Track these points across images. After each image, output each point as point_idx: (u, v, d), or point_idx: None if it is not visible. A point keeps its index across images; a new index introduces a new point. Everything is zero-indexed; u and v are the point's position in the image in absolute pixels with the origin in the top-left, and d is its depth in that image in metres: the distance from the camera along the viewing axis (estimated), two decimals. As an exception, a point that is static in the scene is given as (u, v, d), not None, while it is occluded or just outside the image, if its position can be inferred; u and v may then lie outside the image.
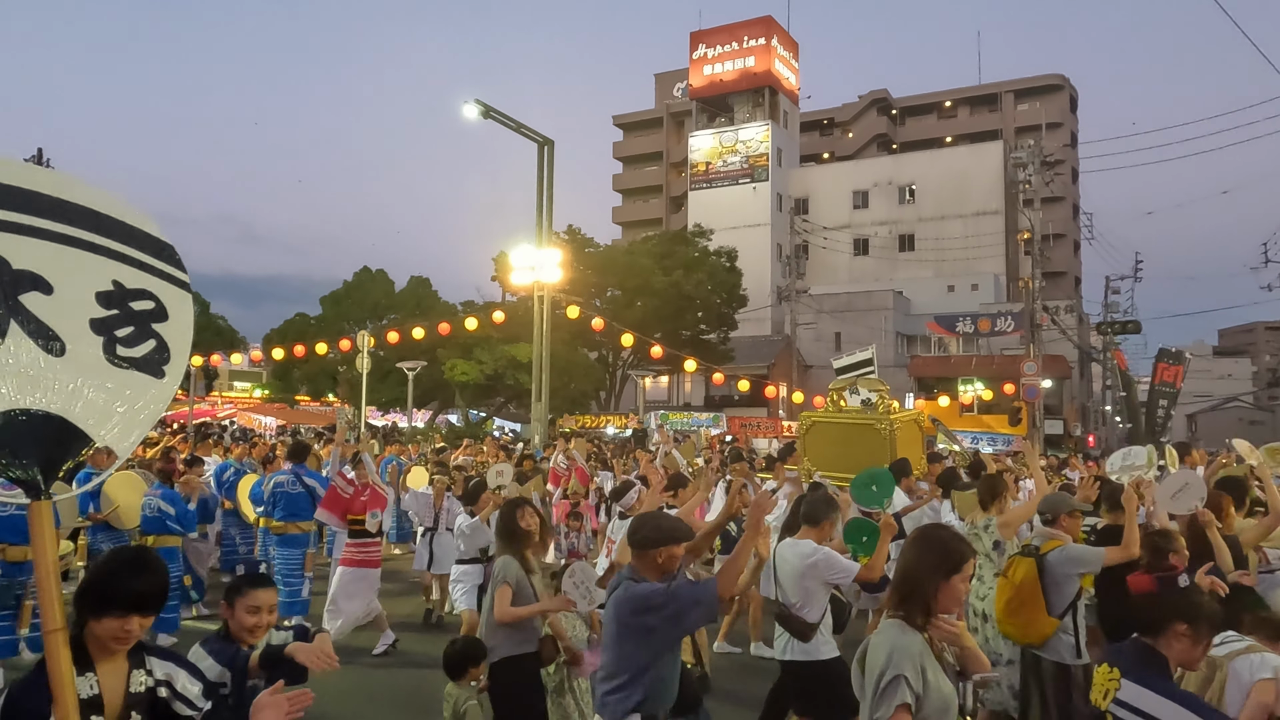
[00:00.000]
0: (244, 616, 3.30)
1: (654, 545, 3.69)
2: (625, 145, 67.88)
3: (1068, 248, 56.64)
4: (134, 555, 2.71)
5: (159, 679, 2.62)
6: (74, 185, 2.57)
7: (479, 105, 18.73)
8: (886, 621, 2.91)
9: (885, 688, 2.72)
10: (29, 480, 2.27)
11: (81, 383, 2.41)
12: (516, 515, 5.08)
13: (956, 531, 3.30)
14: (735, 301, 41.42)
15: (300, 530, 9.11)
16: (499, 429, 33.17)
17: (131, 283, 2.60)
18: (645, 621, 3.55)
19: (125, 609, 2.51)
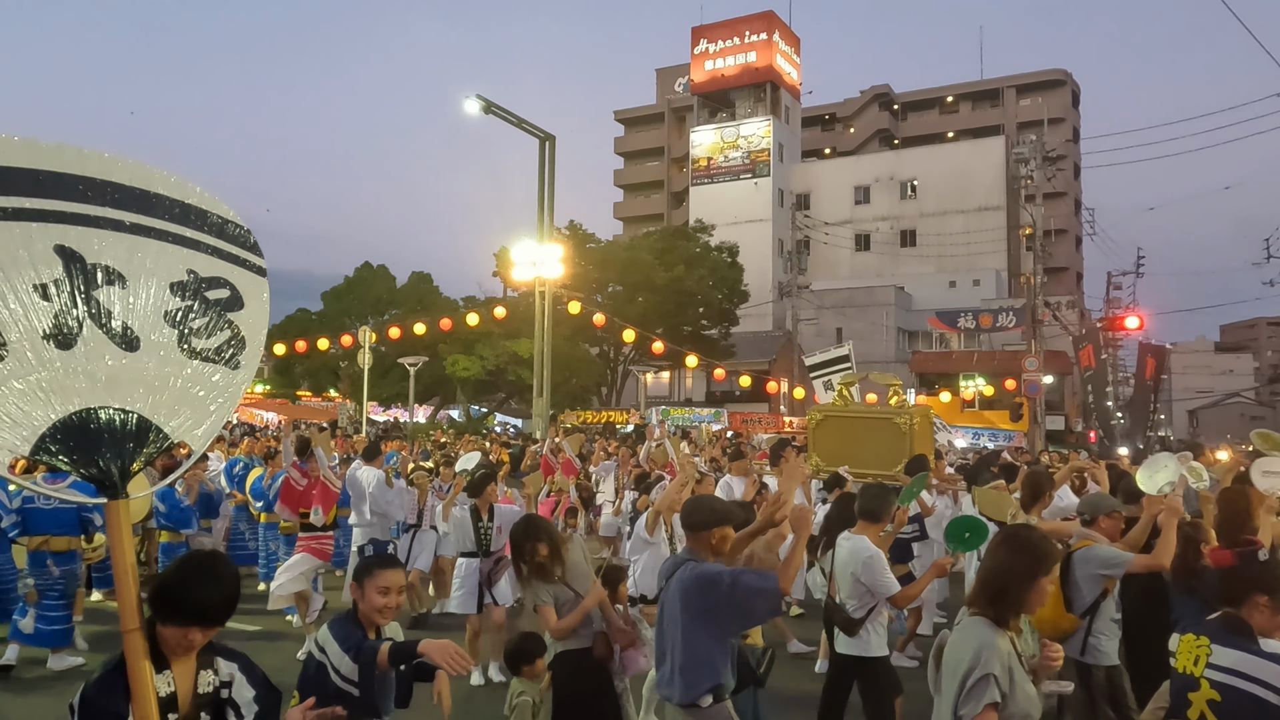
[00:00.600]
0: (375, 597, 3.32)
1: (708, 526, 3.80)
2: (626, 140, 67.82)
3: (1069, 243, 56.59)
4: (204, 564, 2.59)
5: (223, 680, 2.58)
6: (151, 173, 2.51)
7: (480, 100, 18.73)
8: (971, 619, 2.89)
9: (974, 686, 2.71)
10: (105, 480, 2.23)
11: (155, 377, 2.35)
12: (523, 552, 4.78)
13: (1045, 533, 3.34)
14: (736, 297, 41.40)
15: (306, 526, 9.18)
16: (500, 424, 33.17)
17: (207, 271, 2.53)
18: (709, 599, 3.60)
19: (187, 620, 2.44)
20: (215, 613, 2.48)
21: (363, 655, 3.17)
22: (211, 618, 2.48)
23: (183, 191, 2.55)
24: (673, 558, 4.06)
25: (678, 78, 63.72)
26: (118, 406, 2.26)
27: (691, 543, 3.87)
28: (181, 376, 2.40)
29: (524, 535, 4.76)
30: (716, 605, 3.59)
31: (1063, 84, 60.65)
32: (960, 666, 2.76)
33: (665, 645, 3.82)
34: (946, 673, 2.84)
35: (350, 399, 32.59)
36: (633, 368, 38.18)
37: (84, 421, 2.21)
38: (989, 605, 2.88)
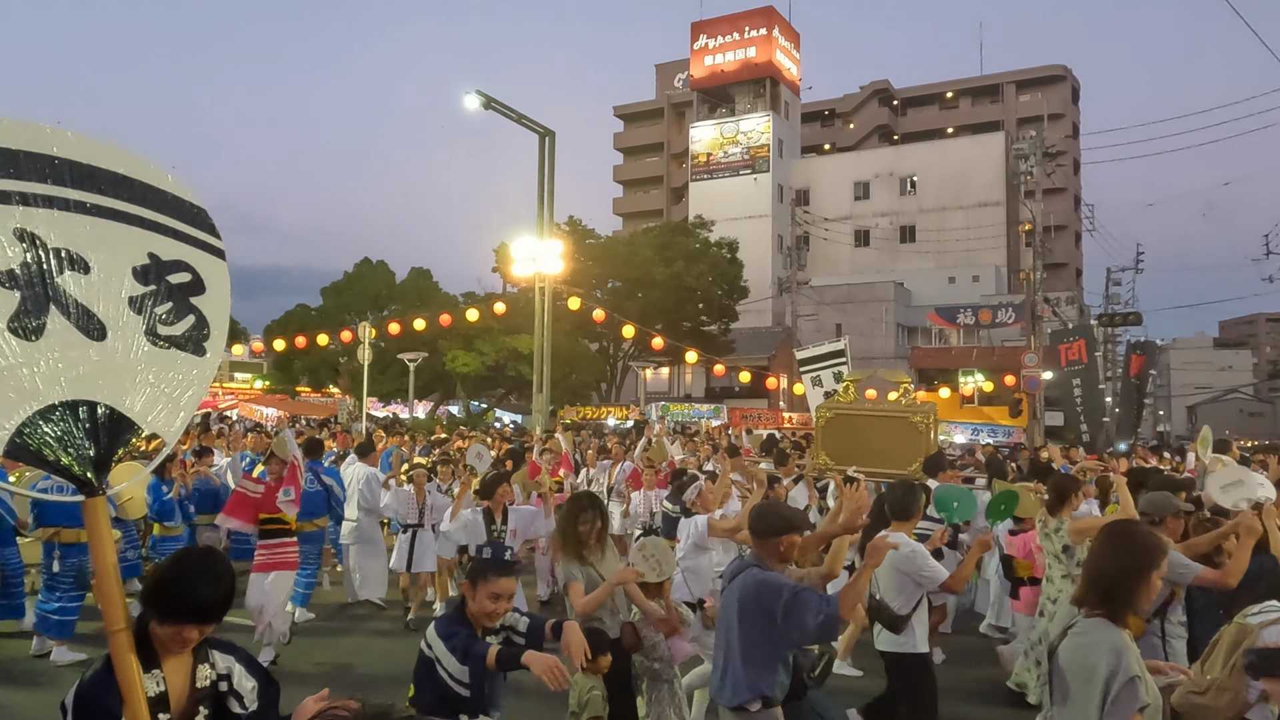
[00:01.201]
0: (485, 601, 3.34)
1: (777, 534, 3.83)
2: (626, 136, 67.74)
3: (1069, 239, 56.57)
4: (200, 561, 2.51)
5: (221, 673, 2.53)
6: (100, 149, 2.37)
7: (480, 96, 18.70)
8: (1092, 621, 2.80)
9: (1121, 690, 2.61)
10: (81, 477, 2.16)
11: (125, 367, 2.26)
12: (577, 519, 4.94)
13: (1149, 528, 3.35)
14: (736, 293, 41.41)
15: (315, 528, 9.15)
16: (499, 420, 33.20)
17: (168, 254, 2.43)
18: (769, 608, 3.62)
19: (182, 618, 2.39)
20: (211, 611, 2.43)
21: (471, 658, 3.20)
22: (207, 616, 2.43)
23: (136, 168, 2.42)
24: (738, 560, 4.11)
25: (677, 73, 63.61)
26: (89, 399, 2.17)
27: (760, 549, 3.90)
28: (151, 366, 2.32)
29: (580, 506, 4.95)
30: (773, 616, 3.61)
31: (1063, 80, 60.58)
32: (1098, 671, 2.64)
33: (720, 646, 3.86)
34: (1077, 678, 2.72)
35: (350, 395, 32.59)
36: (632, 363, 38.21)
37: (56, 418, 2.13)
38: (1100, 604, 2.81)
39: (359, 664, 7.62)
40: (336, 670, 7.39)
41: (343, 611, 9.46)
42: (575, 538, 4.87)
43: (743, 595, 3.71)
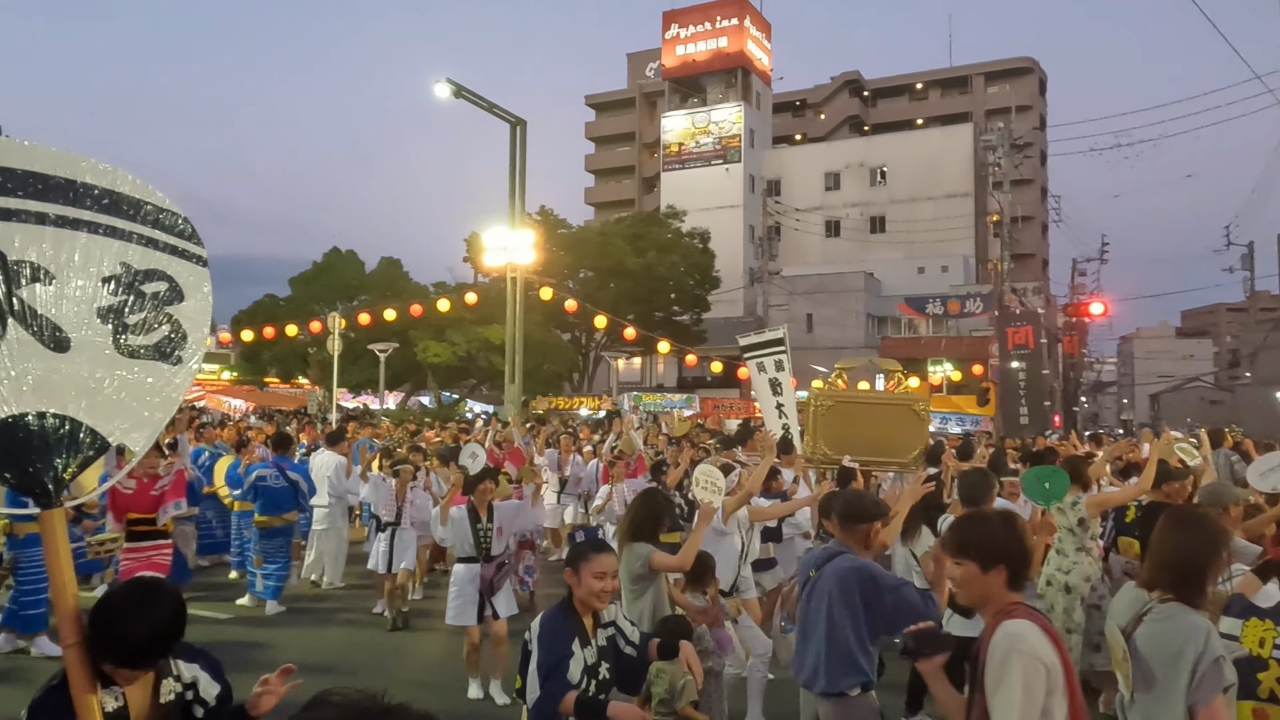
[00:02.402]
0: (592, 582, 3.32)
1: (866, 520, 3.94)
2: (597, 125, 67.54)
3: (1036, 230, 57.24)
4: (138, 597, 2.34)
5: (186, 683, 2.48)
6: (76, 162, 2.36)
7: (451, 85, 18.57)
8: (1167, 605, 2.81)
9: (1208, 671, 2.64)
10: (37, 489, 2.13)
11: (89, 378, 2.24)
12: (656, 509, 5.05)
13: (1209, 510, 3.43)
14: (708, 283, 41.52)
15: (284, 522, 9.20)
16: (470, 411, 33.07)
17: (142, 263, 2.41)
18: (868, 596, 3.70)
19: (113, 660, 2.26)
20: (143, 654, 2.28)
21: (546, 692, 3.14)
22: (139, 659, 2.28)
23: (112, 180, 2.41)
24: (824, 548, 4.16)
25: (649, 62, 63.48)
26: (48, 411, 2.15)
27: (846, 536, 3.98)
28: (117, 377, 2.30)
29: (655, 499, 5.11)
30: (871, 605, 3.69)
31: (1030, 72, 61.19)
32: (1184, 654, 2.67)
33: (809, 633, 3.86)
34: (1161, 662, 2.74)
35: (319, 385, 32.31)
36: (605, 353, 38.20)
37: (11, 429, 2.10)
38: (1173, 588, 2.83)
39: (334, 656, 7.61)
40: (313, 663, 7.37)
41: (316, 604, 9.44)
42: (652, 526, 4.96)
43: (842, 581, 3.76)
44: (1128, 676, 2.85)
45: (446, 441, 13.43)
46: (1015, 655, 2.44)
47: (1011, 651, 2.45)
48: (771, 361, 11.35)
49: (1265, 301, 48.87)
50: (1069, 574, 6.20)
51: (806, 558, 4.12)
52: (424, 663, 7.54)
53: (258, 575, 9.03)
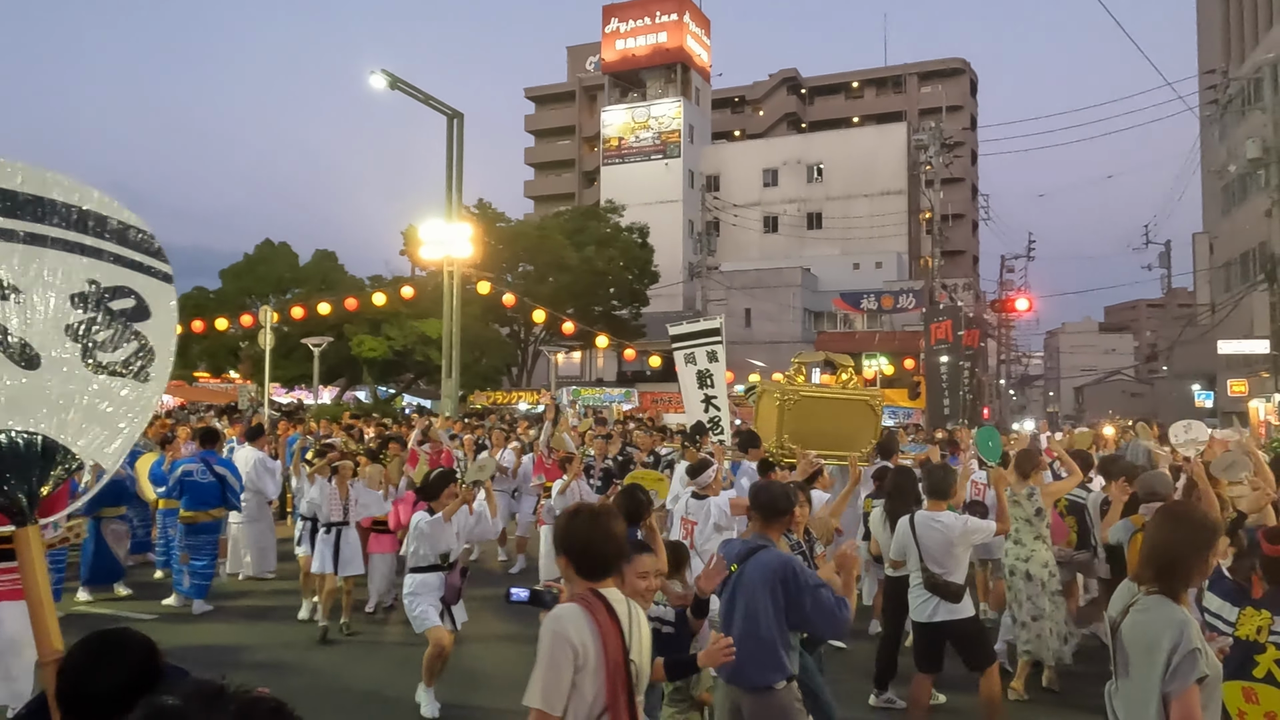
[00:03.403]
0: (635, 581, 3.30)
1: (785, 514, 4.10)
2: (537, 118, 67.19)
3: (966, 227, 58.71)
4: (97, 650, 2.11)
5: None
6: (44, 177, 2.36)
7: (386, 76, 18.33)
8: (1150, 598, 2.93)
9: (1181, 662, 2.74)
10: (12, 507, 2.13)
11: (59, 395, 2.23)
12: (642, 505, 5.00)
13: (1204, 508, 3.57)
14: (647, 278, 41.68)
15: (211, 518, 9.05)
16: (408, 406, 32.71)
17: (109, 280, 2.40)
18: (791, 595, 3.76)
19: (70, 713, 2.11)
20: (107, 707, 2.04)
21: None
22: (102, 713, 2.06)
23: (80, 196, 2.42)
24: (742, 541, 4.20)
25: (589, 56, 63.34)
26: (19, 429, 2.15)
27: (766, 529, 4.08)
28: (87, 393, 2.30)
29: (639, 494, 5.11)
30: (791, 602, 3.77)
31: (962, 73, 62.63)
32: (1159, 645, 2.79)
33: (730, 627, 3.87)
34: (1138, 651, 2.88)
35: (251, 380, 31.60)
36: (543, 348, 38.08)
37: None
38: (1157, 580, 2.94)
39: (265, 655, 7.52)
40: (245, 662, 7.28)
41: (245, 601, 9.30)
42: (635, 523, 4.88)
43: (769, 576, 3.80)
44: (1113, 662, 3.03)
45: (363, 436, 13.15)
46: (548, 634, 2.72)
47: (546, 631, 2.74)
48: (704, 352, 11.06)
49: (1181, 298, 50.83)
50: (1028, 562, 6.49)
51: (726, 551, 4.14)
52: (364, 660, 7.50)
53: (184, 573, 8.86)
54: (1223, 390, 32.79)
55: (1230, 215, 32.22)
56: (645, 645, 2.92)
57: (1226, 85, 30.77)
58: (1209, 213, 39.66)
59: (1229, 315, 29.09)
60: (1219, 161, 30.55)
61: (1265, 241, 25.65)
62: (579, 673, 2.66)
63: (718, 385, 11.05)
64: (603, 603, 2.78)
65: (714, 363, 11.09)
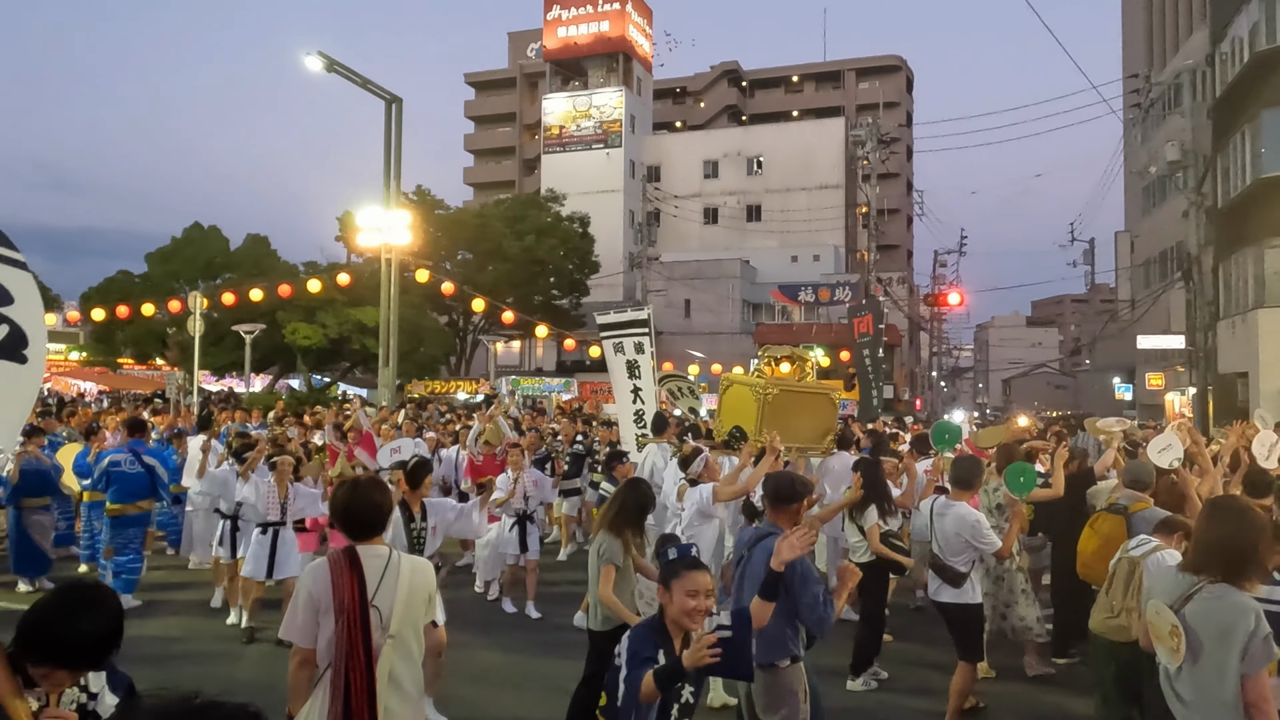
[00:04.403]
0: (684, 600, 3.16)
1: (795, 500, 4.21)
2: (478, 105, 66.46)
3: (901, 223, 59.88)
4: (76, 598, 2.37)
5: (93, 692, 2.49)
6: None
7: (322, 58, 17.93)
8: (1217, 586, 3.11)
9: (1259, 646, 2.96)
10: None
11: None
12: (645, 499, 5.00)
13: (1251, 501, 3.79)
14: (588, 267, 41.63)
15: (139, 510, 8.80)
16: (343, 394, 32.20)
17: None
18: (790, 577, 3.85)
19: (47, 660, 2.29)
20: (80, 656, 2.32)
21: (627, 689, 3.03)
22: (76, 660, 2.32)
23: None
24: (755, 528, 4.34)
25: (530, 43, 62.82)
26: None
27: (775, 516, 4.22)
28: None
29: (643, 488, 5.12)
30: (794, 590, 3.89)
31: (898, 69, 63.74)
32: (1235, 630, 3.01)
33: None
34: (1210, 636, 3.06)
35: (179, 368, 30.73)
36: (482, 337, 37.85)
37: None
38: (1228, 572, 3.12)
39: (194, 649, 7.38)
40: (174, 656, 7.13)
41: (176, 595, 9.09)
42: (629, 517, 4.90)
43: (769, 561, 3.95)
44: (1174, 650, 3.15)
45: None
46: (298, 584, 3.35)
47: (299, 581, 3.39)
48: (631, 343, 10.72)
49: (1104, 294, 52.69)
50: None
51: (740, 536, 4.37)
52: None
53: (109, 568, 8.62)
54: (1141, 383, 34.09)
55: (1150, 215, 33.44)
56: (402, 593, 3.29)
57: (1149, 90, 31.89)
58: (1130, 212, 41.10)
59: (1148, 311, 30.24)
60: (1140, 163, 31.68)
61: (1182, 241, 26.72)
62: (321, 614, 3.20)
63: (644, 376, 10.74)
64: (348, 558, 3.25)
65: (641, 354, 10.74)
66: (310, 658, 3.25)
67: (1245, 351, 20.86)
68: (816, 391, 10.18)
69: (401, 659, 3.31)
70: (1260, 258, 20.50)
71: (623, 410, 10.93)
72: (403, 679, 3.31)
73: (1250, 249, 21.10)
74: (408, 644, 3.34)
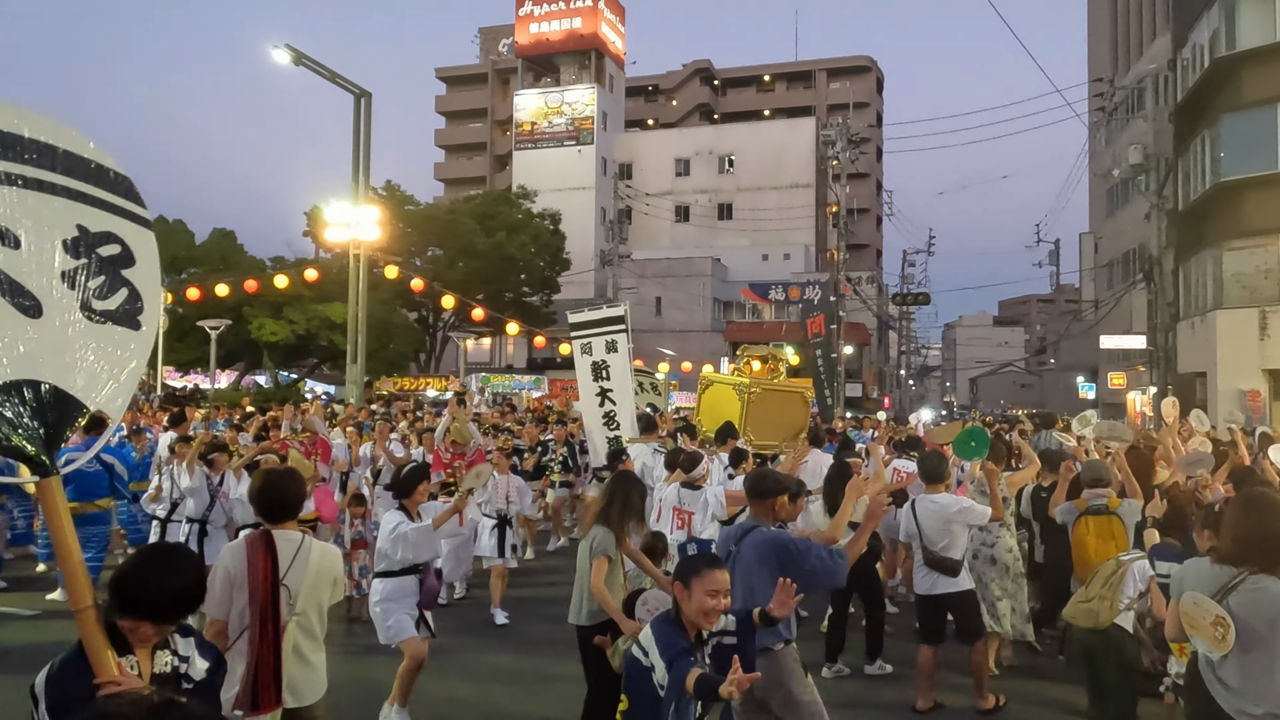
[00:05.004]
0: (703, 599, 3.14)
1: (772, 495, 4.42)
2: (449, 100, 66.02)
3: (871, 222, 60.35)
4: (164, 557, 2.57)
5: (183, 655, 2.53)
6: (20, 115, 2.26)
7: (290, 51, 17.74)
8: (1259, 577, 3.23)
9: None
10: (34, 458, 2.10)
11: (63, 344, 2.19)
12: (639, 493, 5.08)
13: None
14: (558, 264, 41.53)
15: (98, 509, 8.63)
16: (311, 392, 31.88)
17: (96, 225, 2.34)
18: (783, 560, 4.09)
19: (138, 614, 2.37)
20: (169, 610, 2.43)
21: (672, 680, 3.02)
22: (164, 614, 2.42)
23: (55, 135, 2.32)
24: (738, 525, 4.58)
25: (502, 38, 62.51)
26: (33, 379, 2.11)
27: (757, 510, 4.45)
28: (89, 342, 2.26)
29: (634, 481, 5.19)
30: (790, 570, 3.98)
31: (868, 70, 64.20)
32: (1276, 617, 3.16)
33: (739, 600, 4.07)
34: (1261, 624, 3.18)
35: (142, 364, 30.22)
36: (452, 334, 37.61)
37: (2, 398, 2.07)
38: (1265, 564, 3.24)
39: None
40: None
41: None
42: (634, 511, 4.98)
43: (760, 551, 4.17)
44: (1219, 640, 3.24)
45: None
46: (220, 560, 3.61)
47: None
48: (602, 342, 10.17)
49: (1069, 294, 53.44)
50: (993, 548, 6.83)
51: (724, 534, 4.60)
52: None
53: (70, 567, 8.48)
54: (1104, 382, 34.65)
55: (1114, 217, 33.97)
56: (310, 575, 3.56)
57: (1112, 94, 32.37)
58: (1095, 214, 41.73)
59: (1110, 312, 30.73)
60: (1104, 166, 32.15)
61: (1144, 243, 27.19)
62: (236, 589, 3.48)
63: (615, 378, 10.10)
64: (264, 539, 3.52)
65: (612, 353, 10.12)
66: (223, 629, 3.50)
67: (1204, 351, 21.27)
68: (792, 390, 10.59)
69: (305, 635, 3.65)
70: (1219, 260, 20.90)
71: (590, 414, 10.39)
72: (306, 652, 3.65)
73: (1209, 251, 21.51)
74: (311, 622, 3.67)
